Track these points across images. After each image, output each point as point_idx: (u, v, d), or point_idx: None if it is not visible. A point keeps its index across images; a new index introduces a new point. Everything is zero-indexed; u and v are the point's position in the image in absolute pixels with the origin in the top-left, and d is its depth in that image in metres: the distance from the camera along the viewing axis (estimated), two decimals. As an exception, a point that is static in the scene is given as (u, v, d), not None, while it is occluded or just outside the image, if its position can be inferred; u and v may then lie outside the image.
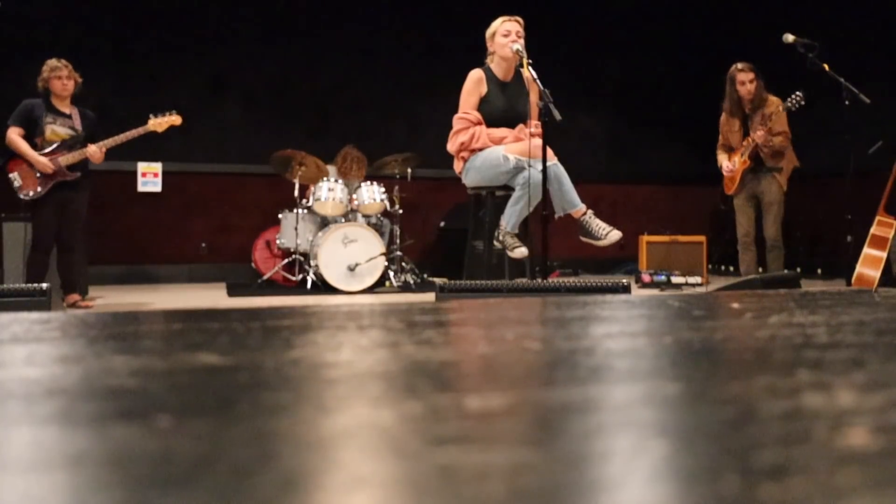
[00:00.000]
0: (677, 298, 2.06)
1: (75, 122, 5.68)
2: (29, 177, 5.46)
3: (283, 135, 8.38)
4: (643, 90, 10.09)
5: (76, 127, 5.66)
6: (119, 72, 8.22)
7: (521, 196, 4.80)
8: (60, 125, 5.60)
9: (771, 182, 6.13)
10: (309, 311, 1.84)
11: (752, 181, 6.19)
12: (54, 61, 5.66)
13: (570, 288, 3.83)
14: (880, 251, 5.74)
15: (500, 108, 5.03)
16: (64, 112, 5.67)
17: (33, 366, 1.04)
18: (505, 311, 1.89)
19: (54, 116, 5.61)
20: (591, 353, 1.13)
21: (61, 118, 5.62)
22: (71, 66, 5.68)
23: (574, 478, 0.54)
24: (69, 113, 5.70)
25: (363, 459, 0.60)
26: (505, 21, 5.06)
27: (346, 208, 7.07)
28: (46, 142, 5.55)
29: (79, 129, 5.67)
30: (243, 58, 8.70)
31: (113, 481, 0.54)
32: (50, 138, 5.56)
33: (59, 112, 5.64)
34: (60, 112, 5.65)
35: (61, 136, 5.58)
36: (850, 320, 1.50)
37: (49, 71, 5.63)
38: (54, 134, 5.56)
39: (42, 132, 5.54)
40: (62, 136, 5.58)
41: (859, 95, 5.63)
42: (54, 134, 5.56)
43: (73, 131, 5.62)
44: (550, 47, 9.03)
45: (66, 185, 5.54)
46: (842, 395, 0.80)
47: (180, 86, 8.29)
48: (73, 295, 5.64)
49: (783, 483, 0.52)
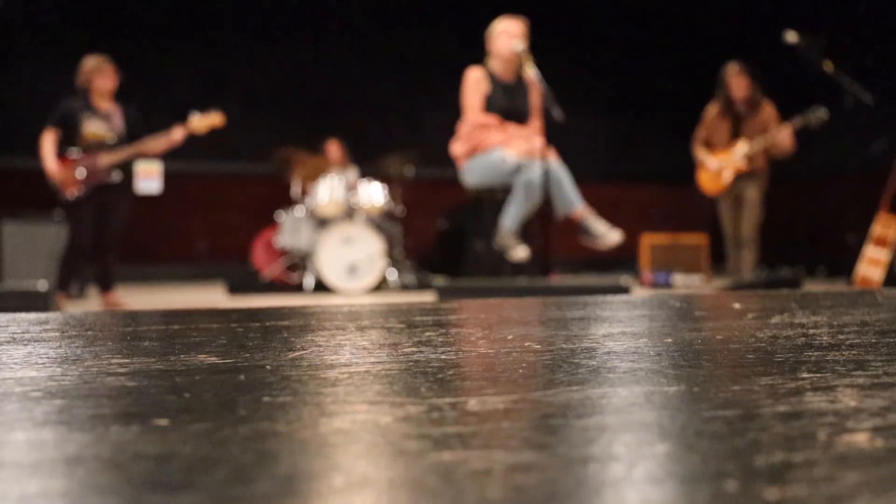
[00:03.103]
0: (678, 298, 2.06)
1: (116, 119, 5.50)
2: (69, 178, 5.34)
3: (283, 135, 8.38)
4: (643, 90, 10.09)
5: (117, 125, 5.49)
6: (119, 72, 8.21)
7: (522, 196, 4.80)
8: (100, 124, 5.43)
9: (753, 184, 6.14)
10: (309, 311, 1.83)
11: (735, 182, 6.19)
12: (96, 58, 5.50)
13: (570, 288, 3.83)
14: (883, 250, 5.74)
15: (501, 107, 5.03)
16: (104, 110, 5.48)
17: (32, 366, 1.04)
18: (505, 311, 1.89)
19: (93, 115, 5.43)
20: (591, 353, 1.13)
21: (101, 116, 5.45)
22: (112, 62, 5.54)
23: (574, 478, 0.54)
24: (110, 111, 5.51)
25: (363, 460, 0.60)
26: (508, 21, 5.06)
27: (345, 208, 7.07)
28: (86, 142, 5.38)
29: (120, 127, 5.49)
30: (243, 58, 8.71)
31: (112, 482, 0.54)
32: (89, 138, 5.39)
33: (99, 110, 5.46)
34: (100, 110, 5.46)
35: (101, 136, 5.41)
36: (852, 321, 1.49)
37: (90, 69, 5.47)
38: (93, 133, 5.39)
39: (80, 132, 5.39)
40: (101, 135, 5.41)
41: (861, 95, 5.63)
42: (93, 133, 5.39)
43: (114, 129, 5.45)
44: (550, 47, 9.03)
45: (109, 187, 5.39)
46: (844, 396, 0.79)
47: (180, 86, 8.29)
48: (111, 295, 5.52)
49: (785, 484, 0.51)
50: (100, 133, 5.43)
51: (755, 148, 6.09)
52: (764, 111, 6.11)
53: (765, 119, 6.08)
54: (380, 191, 7.25)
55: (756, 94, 6.12)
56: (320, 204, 7.07)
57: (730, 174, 6.18)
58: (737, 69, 6.11)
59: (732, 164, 6.16)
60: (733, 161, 6.16)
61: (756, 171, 6.14)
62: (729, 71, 6.15)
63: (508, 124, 5.01)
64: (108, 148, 5.40)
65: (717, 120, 6.25)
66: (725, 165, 6.18)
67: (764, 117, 6.09)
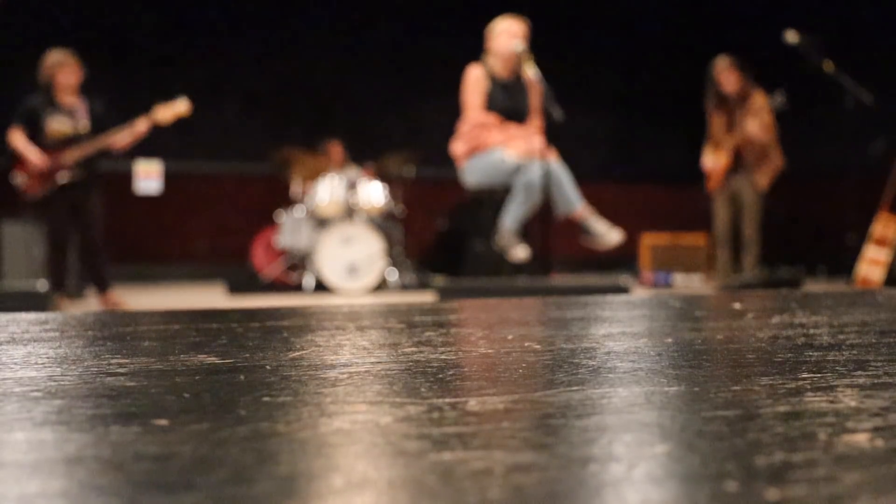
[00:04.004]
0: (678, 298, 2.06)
1: (80, 115, 5.45)
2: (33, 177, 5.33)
3: (283, 135, 8.38)
4: (643, 90, 10.09)
5: (81, 120, 5.44)
6: (119, 72, 8.22)
7: (522, 196, 4.80)
8: (63, 120, 5.38)
9: (750, 182, 6.13)
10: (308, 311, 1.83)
11: (732, 180, 6.18)
12: (58, 53, 5.45)
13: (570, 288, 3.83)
14: (883, 250, 5.74)
15: (501, 106, 5.03)
16: (67, 106, 5.42)
17: (32, 366, 1.04)
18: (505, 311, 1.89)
19: (56, 111, 5.38)
20: (591, 353, 1.13)
21: (64, 112, 5.40)
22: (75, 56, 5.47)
23: (574, 478, 0.54)
24: (74, 106, 5.45)
25: (363, 460, 0.60)
26: (509, 21, 5.05)
27: (345, 208, 7.07)
28: (49, 139, 5.34)
29: (84, 122, 5.44)
30: (243, 58, 8.71)
31: (112, 482, 0.54)
32: (52, 135, 5.34)
33: (62, 106, 5.40)
34: (63, 106, 5.41)
35: (64, 132, 5.36)
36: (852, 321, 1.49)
37: (53, 64, 5.41)
38: (56, 130, 5.34)
39: (42, 129, 5.35)
40: (65, 132, 5.36)
41: (861, 95, 5.62)
42: (56, 130, 5.34)
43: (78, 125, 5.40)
44: (550, 46, 9.03)
45: (75, 186, 5.36)
46: (844, 397, 0.79)
47: (180, 86, 8.29)
48: (109, 295, 5.48)
49: (785, 484, 0.51)
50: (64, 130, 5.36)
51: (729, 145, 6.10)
52: (753, 100, 6.10)
53: (753, 108, 6.07)
54: (380, 191, 7.24)
55: (746, 85, 6.11)
56: (320, 204, 7.07)
57: (721, 171, 6.19)
58: (725, 63, 6.10)
59: (723, 160, 6.17)
60: (723, 156, 6.17)
61: (749, 165, 6.13)
62: (718, 66, 6.14)
63: (508, 124, 5.01)
64: (72, 144, 5.34)
65: (715, 118, 6.26)
66: (716, 163, 6.20)
67: (752, 107, 6.08)
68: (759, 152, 6.11)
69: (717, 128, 6.27)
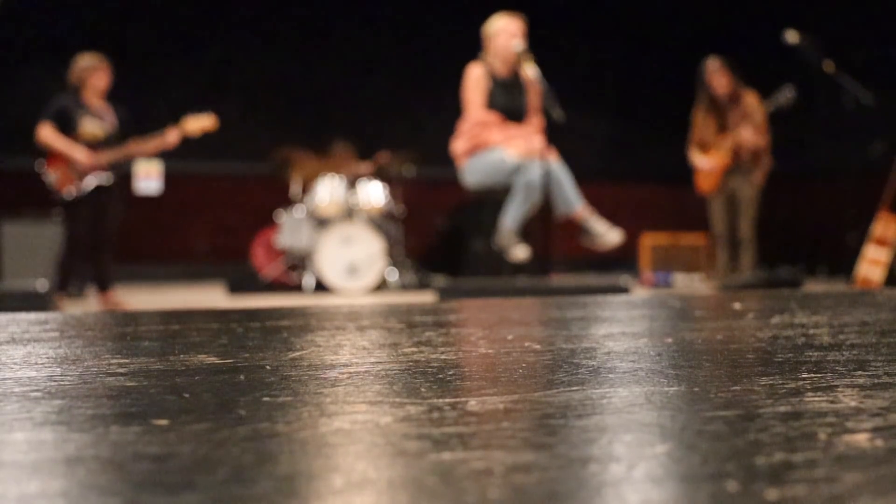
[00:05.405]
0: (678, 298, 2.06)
1: (109, 119, 5.50)
2: (67, 176, 5.32)
3: (283, 135, 8.38)
4: (643, 89, 10.08)
5: (111, 124, 5.48)
6: (118, 72, 8.21)
7: (522, 196, 4.80)
8: (96, 123, 5.41)
9: (746, 181, 6.13)
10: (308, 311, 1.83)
11: (728, 180, 6.18)
12: (91, 56, 5.48)
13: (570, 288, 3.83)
14: (883, 250, 5.74)
15: (501, 105, 5.02)
16: (97, 109, 5.47)
17: (32, 366, 1.04)
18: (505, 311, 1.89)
19: (87, 113, 5.41)
20: (591, 353, 1.13)
21: (95, 115, 5.44)
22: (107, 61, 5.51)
23: (574, 478, 0.54)
24: (103, 110, 5.49)
25: (363, 460, 0.60)
26: (507, 20, 5.05)
27: (345, 208, 7.07)
28: (81, 140, 5.37)
29: (114, 126, 5.48)
30: (243, 58, 8.71)
31: (112, 482, 0.54)
32: (85, 136, 5.37)
33: (93, 109, 5.45)
34: (94, 109, 5.45)
35: (96, 135, 5.40)
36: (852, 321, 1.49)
37: (86, 66, 5.43)
38: (90, 132, 5.37)
39: (76, 129, 5.36)
40: (97, 135, 5.40)
41: (861, 95, 5.62)
42: (90, 132, 5.37)
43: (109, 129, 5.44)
44: (550, 46, 9.03)
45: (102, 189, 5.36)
46: (844, 397, 0.79)
47: (180, 86, 8.29)
48: (109, 295, 5.49)
49: (785, 484, 0.51)
50: (96, 132, 5.40)
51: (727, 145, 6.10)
52: (745, 101, 6.10)
53: (746, 109, 6.07)
54: (380, 191, 7.24)
55: (737, 86, 6.11)
56: (320, 204, 7.07)
57: (718, 171, 6.18)
58: (716, 65, 6.09)
59: (720, 160, 6.16)
60: (719, 157, 6.16)
61: (745, 166, 6.13)
62: (709, 68, 6.13)
63: (508, 123, 5.01)
64: (103, 147, 5.38)
65: (705, 119, 6.25)
66: (713, 164, 6.19)
67: (745, 108, 6.08)
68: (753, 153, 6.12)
69: (705, 129, 6.26)
